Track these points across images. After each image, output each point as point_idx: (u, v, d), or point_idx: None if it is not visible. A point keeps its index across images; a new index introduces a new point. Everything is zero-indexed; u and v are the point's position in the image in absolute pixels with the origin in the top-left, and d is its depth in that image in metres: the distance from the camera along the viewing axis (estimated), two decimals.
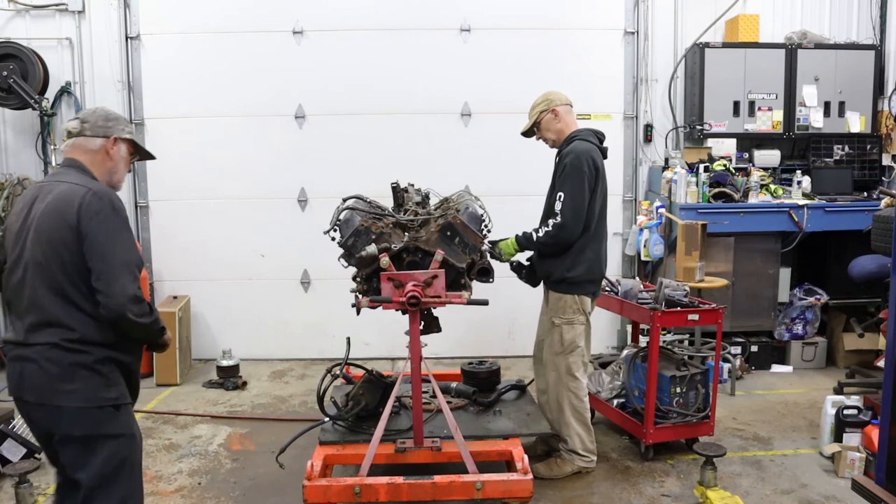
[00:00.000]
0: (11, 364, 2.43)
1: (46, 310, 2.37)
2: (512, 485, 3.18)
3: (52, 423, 2.40)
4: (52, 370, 2.34)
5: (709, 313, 4.29)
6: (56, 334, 2.35)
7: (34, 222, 2.42)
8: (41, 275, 2.38)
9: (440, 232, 3.43)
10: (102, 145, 2.60)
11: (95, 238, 2.36)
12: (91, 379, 2.39)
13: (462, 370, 4.25)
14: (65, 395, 2.35)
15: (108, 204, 2.42)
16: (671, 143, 6.33)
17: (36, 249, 2.39)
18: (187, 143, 6.18)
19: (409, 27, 6.12)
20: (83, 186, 2.44)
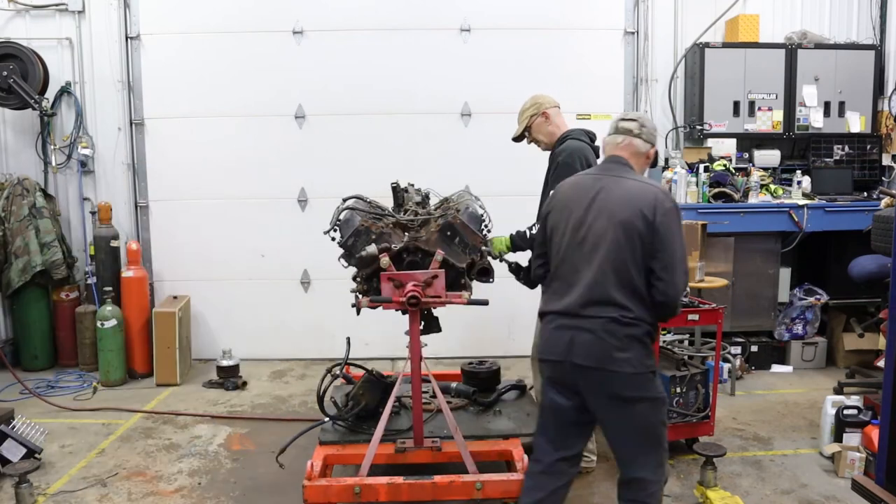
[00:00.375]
0: (559, 331, 2.75)
1: (607, 289, 2.68)
2: (512, 485, 3.18)
3: (603, 385, 2.71)
4: (610, 340, 2.67)
5: (709, 313, 4.30)
6: (615, 311, 2.67)
7: (605, 207, 2.74)
8: (610, 257, 2.69)
9: (440, 232, 3.43)
10: (647, 151, 2.94)
11: (666, 233, 2.67)
12: (640, 349, 2.70)
13: (462, 370, 4.25)
14: (620, 362, 2.66)
15: (674, 205, 2.77)
16: (671, 143, 6.33)
17: (609, 233, 2.70)
18: (187, 143, 6.19)
19: (409, 27, 6.13)
20: (653, 186, 2.81)
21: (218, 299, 6.29)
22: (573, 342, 2.72)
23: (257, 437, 4.65)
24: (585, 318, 2.71)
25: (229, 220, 6.23)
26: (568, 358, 2.73)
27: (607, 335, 2.67)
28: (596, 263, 2.71)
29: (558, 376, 2.81)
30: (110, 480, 4.01)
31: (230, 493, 3.88)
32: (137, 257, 5.91)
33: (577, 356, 2.71)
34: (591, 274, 2.71)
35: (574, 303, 2.73)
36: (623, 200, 2.73)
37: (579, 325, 2.72)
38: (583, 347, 2.70)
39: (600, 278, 2.69)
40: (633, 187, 2.77)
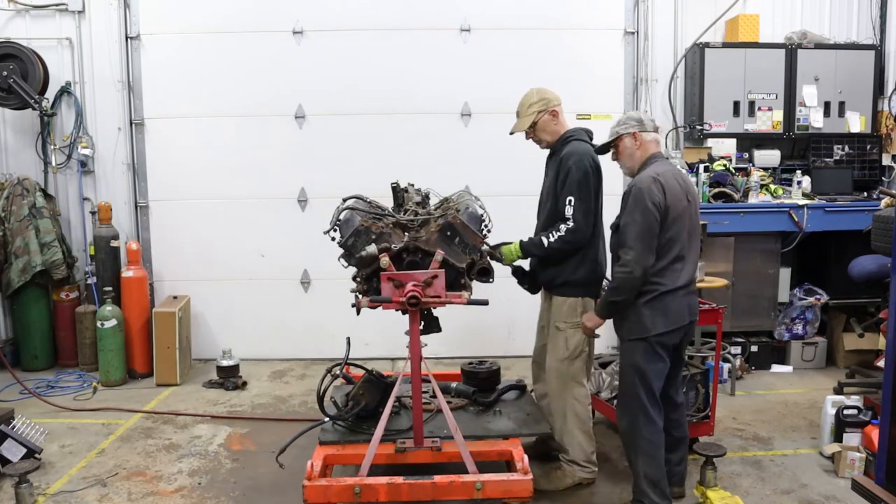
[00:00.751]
0: (684, 300, 3.43)
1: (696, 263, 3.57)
2: (512, 485, 3.19)
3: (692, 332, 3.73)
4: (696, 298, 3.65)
5: (709, 313, 4.30)
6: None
7: (691, 200, 3.44)
8: (696, 237, 3.52)
9: (440, 232, 3.43)
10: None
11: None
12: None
13: (462, 370, 4.24)
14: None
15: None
16: (671, 143, 6.32)
17: (695, 219, 3.49)
18: (187, 143, 6.19)
19: (409, 27, 6.13)
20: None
21: (218, 299, 6.29)
22: (691, 306, 3.50)
23: (257, 437, 4.65)
24: (692, 284, 3.49)
25: (229, 220, 6.23)
26: (691, 318, 3.48)
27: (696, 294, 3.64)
28: (696, 243, 3.53)
29: (677, 340, 3.48)
30: (110, 480, 4.01)
31: (230, 493, 3.88)
32: (137, 257, 5.91)
33: (694, 315, 3.53)
34: (695, 251, 3.52)
35: (690, 277, 3.45)
36: (693, 192, 3.52)
37: (692, 291, 3.51)
38: (696, 307, 3.57)
39: (696, 256, 3.55)
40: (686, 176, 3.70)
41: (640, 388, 3.41)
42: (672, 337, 3.43)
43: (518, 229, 3.94)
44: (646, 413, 3.40)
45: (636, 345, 3.41)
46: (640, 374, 3.40)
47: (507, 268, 4.00)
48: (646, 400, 3.40)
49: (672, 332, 3.41)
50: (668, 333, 3.39)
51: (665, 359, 3.44)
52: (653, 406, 3.42)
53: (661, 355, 3.42)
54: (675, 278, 3.36)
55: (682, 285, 3.40)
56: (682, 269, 3.40)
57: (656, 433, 3.43)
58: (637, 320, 3.38)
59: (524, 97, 3.88)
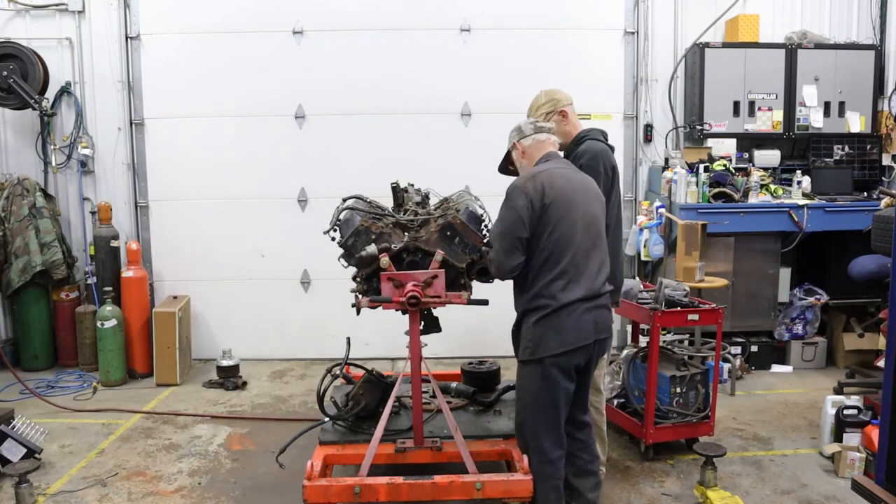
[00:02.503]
0: (583, 315, 2.97)
1: (608, 267, 3.14)
2: (512, 485, 3.18)
3: (603, 349, 3.19)
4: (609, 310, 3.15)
5: (709, 313, 4.29)
6: (608, 285, 3.14)
7: (590, 195, 3.11)
8: (602, 240, 3.10)
9: (440, 232, 3.43)
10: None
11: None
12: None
13: (462, 370, 4.24)
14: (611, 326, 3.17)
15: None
16: (671, 143, 6.33)
17: (601, 217, 3.12)
18: (187, 143, 6.19)
19: (409, 27, 6.13)
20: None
21: (218, 299, 6.29)
22: (599, 322, 3.05)
23: (257, 437, 4.65)
24: (601, 297, 3.07)
25: (229, 220, 6.23)
26: (596, 336, 3.05)
27: (608, 307, 3.15)
28: (602, 246, 3.10)
29: (580, 361, 3.06)
30: (110, 480, 4.01)
31: (230, 493, 3.88)
32: (137, 257, 5.91)
33: (601, 332, 3.07)
34: (599, 256, 3.07)
35: (594, 286, 3.02)
36: (595, 189, 3.19)
37: (599, 304, 3.05)
38: (604, 323, 3.09)
39: (605, 258, 3.11)
40: (584, 177, 3.24)
41: (531, 415, 3.09)
42: (570, 359, 2.99)
43: None
44: (537, 441, 3.10)
45: (530, 367, 3.06)
46: (534, 399, 3.07)
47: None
48: (540, 428, 3.08)
49: (570, 354, 2.98)
50: (566, 355, 2.98)
51: (563, 384, 3.02)
52: (548, 435, 3.07)
53: (558, 380, 3.00)
54: (571, 291, 2.94)
55: (579, 298, 2.95)
56: (579, 281, 2.96)
57: (546, 463, 3.09)
58: (529, 338, 3.04)
59: (533, 100, 3.77)
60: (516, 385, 3.19)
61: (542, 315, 2.99)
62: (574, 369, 3.06)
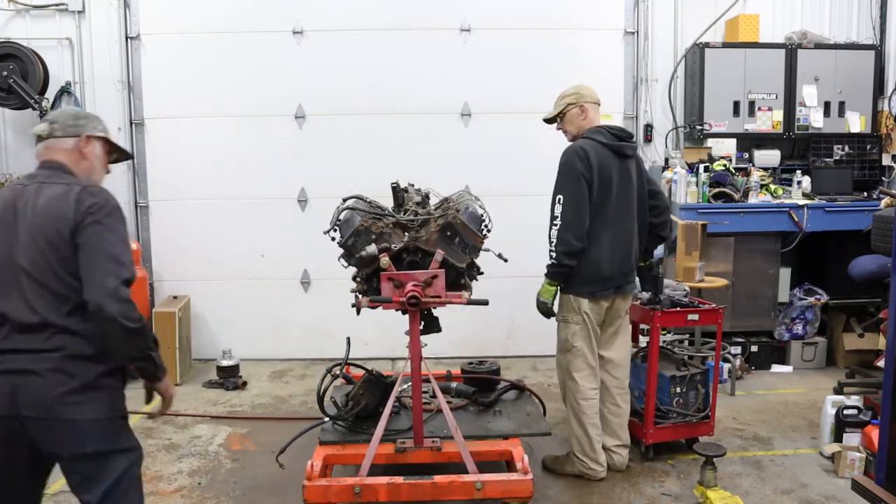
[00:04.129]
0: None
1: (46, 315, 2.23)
2: (512, 485, 3.18)
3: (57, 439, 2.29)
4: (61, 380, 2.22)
5: (709, 313, 4.29)
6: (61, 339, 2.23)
7: (27, 224, 2.28)
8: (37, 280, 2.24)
9: (440, 232, 3.43)
10: (75, 145, 2.47)
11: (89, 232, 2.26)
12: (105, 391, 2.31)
13: (462, 370, 4.25)
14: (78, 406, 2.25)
15: (106, 200, 2.35)
16: (671, 143, 6.33)
17: (30, 252, 2.24)
18: (187, 143, 6.19)
19: (409, 27, 6.12)
20: (77, 185, 2.35)
21: (218, 299, 6.29)
22: (17, 389, 2.19)
23: (257, 437, 4.65)
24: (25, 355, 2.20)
25: (229, 220, 6.23)
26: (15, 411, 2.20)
27: (58, 374, 2.21)
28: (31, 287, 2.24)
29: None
30: None
31: (230, 493, 3.88)
32: (137, 257, 5.90)
33: (22, 406, 2.20)
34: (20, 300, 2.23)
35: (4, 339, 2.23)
36: (44, 210, 2.28)
37: (14, 368, 2.20)
38: (27, 394, 2.19)
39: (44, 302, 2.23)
40: (52, 192, 2.31)
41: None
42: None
43: (518, 229, 3.95)
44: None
45: None
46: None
47: (506, 266, 3.96)
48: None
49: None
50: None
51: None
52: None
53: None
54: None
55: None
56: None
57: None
58: None
59: (564, 90, 3.98)
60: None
61: None
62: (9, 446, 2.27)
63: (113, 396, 2.34)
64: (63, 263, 2.24)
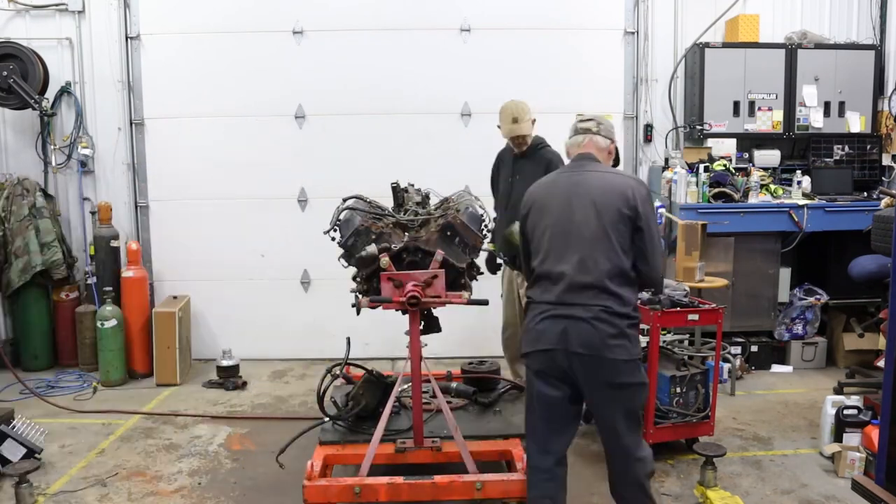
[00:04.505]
0: (549, 320, 2.81)
1: (598, 277, 2.77)
2: (512, 485, 3.18)
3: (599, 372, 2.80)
4: (604, 328, 2.75)
5: (709, 313, 4.29)
6: (607, 299, 2.77)
7: (587, 199, 2.84)
8: (598, 245, 2.79)
9: (440, 232, 3.43)
10: (608, 146, 3.08)
11: (646, 218, 2.83)
12: (633, 336, 2.85)
13: (462, 370, 4.25)
14: (615, 349, 2.77)
15: (649, 193, 2.93)
16: (671, 143, 6.33)
17: (592, 222, 2.80)
18: (187, 143, 6.19)
19: (409, 27, 6.13)
20: (628, 175, 3.06)
21: (218, 299, 6.29)
22: (568, 332, 2.77)
23: (257, 437, 4.65)
24: (576, 307, 2.78)
25: (229, 220, 6.23)
26: (561, 346, 2.78)
27: (601, 323, 2.75)
28: (585, 252, 2.79)
29: (545, 367, 2.86)
30: (110, 480, 4.01)
31: (230, 493, 3.88)
32: (137, 257, 5.91)
33: (569, 344, 2.77)
34: (576, 263, 2.79)
35: (563, 292, 2.80)
36: (604, 190, 2.85)
37: (574, 316, 2.77)
38: (578, 336, 2.76)
39: (590, 266, 2.78)
40: (610, 178, 2.91)
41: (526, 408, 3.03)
42: (537, 361, 2.87)
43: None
44: (527, 439, 3.04)
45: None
46: (525, 392, 3.07)
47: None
48: (527, 424, 3.02)
49: (535, 355, 2.87)
50: (532, 356, 2.89)
51: (539, 388, 2.89)
52: (530, 436, 2.99)
53: (532, 380, 2.93)
54: (536, 290, 2.92)
55: (545, 300, 2.85)
56: (547, 283, 2.85)
57: (530, 470, 3.00)
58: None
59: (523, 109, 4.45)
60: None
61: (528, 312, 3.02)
62: (556, 379, 2.85)
63: (634, 343, 2.83)
64: (619, 237, 2.79)
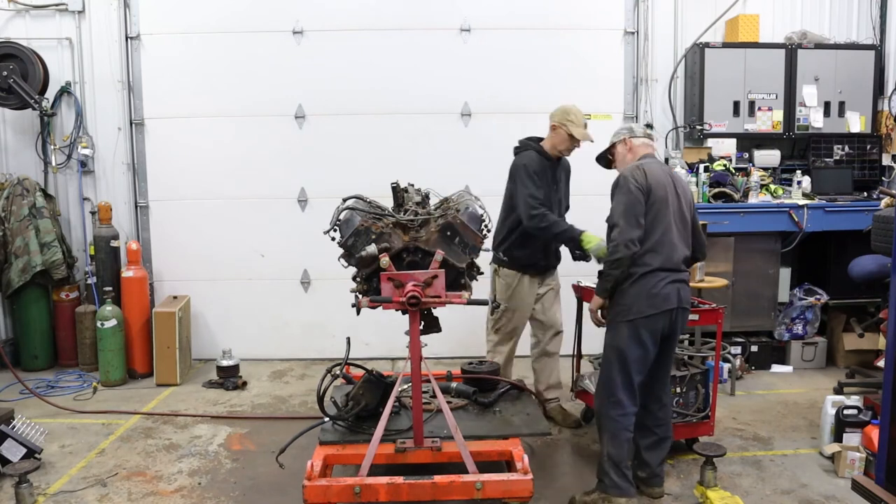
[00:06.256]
0: (669, 284, 3.48)
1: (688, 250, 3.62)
2: (512, 485, 3.18)
3: (685, 322, 3.68)
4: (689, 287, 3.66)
5: (709, 313, 4.29)
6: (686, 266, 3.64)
7: (679, 193, 3.59)
8: (686, 226, 3.61)
9: (440, 232, 3.43)
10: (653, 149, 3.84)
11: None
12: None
13: (462, 370, 4.24)
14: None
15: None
16: (671, 143, 6.33)
17: (683, 211, 3.59)
18: (187, 143, 6.19)
19: (409, 27, 6.12)
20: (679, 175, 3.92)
21: (218, 299, 6.29)
22: (681, 293, 3.53)
23: (257, 437, 4.65)
24: (682, 272, 3.56)
25: (229, 220, 6.23)
26: (680, 304, 3.52)
27: (687, 285, 3.62)
28: (686, 231, 3.60)
29: (662, 326, 3.50)
30: (110, 480, 4.01)
31: (230, 493, 3.88)
32: (137, 257, 5.90)
33: (684, 302, 3.55)
34: (684, 239, 3.58)
35: (677, 262, 3.52)
36: (684, 187, 3.67)
37: (680, 278, 3.54)
38: (685, 295, 3.58)
39: (687, 242, 3.62)
40: (678, 176, 3.72)
41: (615, 371, 3.52)
42: (656, 322, 3.46)
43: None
44: (615, 395, 3.51)
45: (620, 327, 3.50)
46: (621, 356, 3.49)
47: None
48: (619, 382, 3.51)
49: (656, 316, 3.45)
50: (653, 317, 3.44)
51: (648, 346, 3.49)
52: (625, 390, 3.51)
53: (645, 341, 3.47)
54: (658, 259, 3.45)
55: (666, 267, 3.46)
56: (669, 253, 3.48)
57: (623, 416, 3.52)
58: (622, 302, 3.49)
59: (576, 109, 4.44)
60: (604, 345, 3.61)
61: (634, 280, 3.44)
62: (659, 334, 3.50)
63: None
64: (688, 228, 3.63)
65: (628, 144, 3.73)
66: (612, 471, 3.52)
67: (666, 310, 3.46)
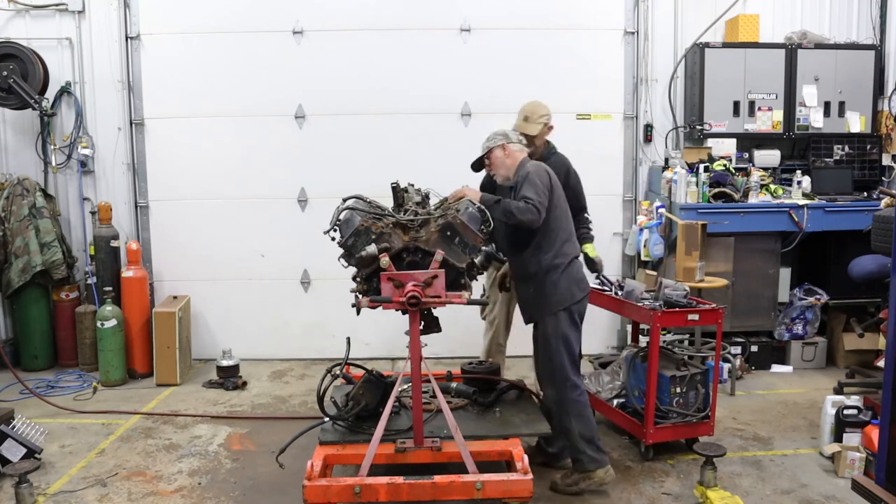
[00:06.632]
0: (580, 269, 3.87)
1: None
2: (512, 485, 3.18)
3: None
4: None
5: (709, 313, 4.29)
6: None
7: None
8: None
9: (440, 232, 3.43)
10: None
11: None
12: None
13: (462, 370, 4.24)
14: None
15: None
16: (671, 143, 6.33)
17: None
18: (187, 143, 6.19)
19: (409, 27, 6.13)
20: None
21: (218, 299, 6.29)
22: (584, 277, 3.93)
23: (257, 437, 4.65)
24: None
25: (229, 220, 6.23)
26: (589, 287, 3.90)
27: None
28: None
29: (585, 308, 3.86)
30: (110, 480, 4.01)
31: (230, 493, 3.88)
32: (137, 257, 5.90)
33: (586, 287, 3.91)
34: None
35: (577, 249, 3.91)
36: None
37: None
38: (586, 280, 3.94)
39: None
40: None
41: (564, 357, 3.74)
42: (583, 304, 3.83)
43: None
44: (570, 378, 3.76)
45: (560, 315, 3.73)
46: (567, 342, 3.75)
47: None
48: (569, 366, 3.75)
49: (584, 299, 3.82)
50: (582, 300, 3.81)
51: (580, 326, 3.83)
52: (574, 371, 3.78)
53: (578, 323, 3.81)
54: (573, 248, 3.82)
55: (576, 254, 3.86)
56: (574, 242, 3.88)
57: (580, 395, 3.79)
58: (558, 293, 3.73)
59: (535, 104, 4.36)
60: (546, 337, 3.75)
61: (562, 270, 3.70)
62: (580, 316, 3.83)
63: None
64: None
65: (507, 150, 3.90)
66: (587, 448, 3.73)
67: (588, 291, 3.86)
